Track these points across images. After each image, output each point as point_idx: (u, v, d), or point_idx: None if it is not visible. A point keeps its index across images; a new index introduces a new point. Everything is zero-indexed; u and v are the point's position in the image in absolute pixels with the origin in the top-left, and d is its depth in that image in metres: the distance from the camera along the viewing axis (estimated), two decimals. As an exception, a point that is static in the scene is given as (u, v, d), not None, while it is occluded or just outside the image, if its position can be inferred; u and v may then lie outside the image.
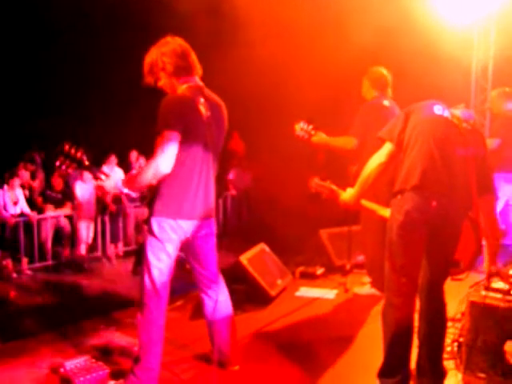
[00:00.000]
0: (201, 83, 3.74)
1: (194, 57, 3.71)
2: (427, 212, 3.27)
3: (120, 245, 9.94)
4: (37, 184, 10.51)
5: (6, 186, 8.97)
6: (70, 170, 3.71)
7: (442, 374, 3.60)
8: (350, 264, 6.42)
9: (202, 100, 3.60)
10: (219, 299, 3.92)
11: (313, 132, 5.50)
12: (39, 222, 9.03)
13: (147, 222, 3.65)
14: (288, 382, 3.93)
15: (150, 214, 3.62)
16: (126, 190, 3.57)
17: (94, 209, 9.63)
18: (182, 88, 3.64)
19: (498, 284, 3.70)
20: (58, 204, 9.46)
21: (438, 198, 3.27)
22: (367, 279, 5.91)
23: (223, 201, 11.54)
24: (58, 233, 9.26)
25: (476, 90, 9.79)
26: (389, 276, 3.40)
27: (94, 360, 4.04)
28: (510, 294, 3.59)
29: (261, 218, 11.05)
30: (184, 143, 3.48)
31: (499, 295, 3.62)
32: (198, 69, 3.73)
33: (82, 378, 3.76)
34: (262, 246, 6.28)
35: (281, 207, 10.20)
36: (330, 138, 5.59)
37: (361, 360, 4.25)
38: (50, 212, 9.27)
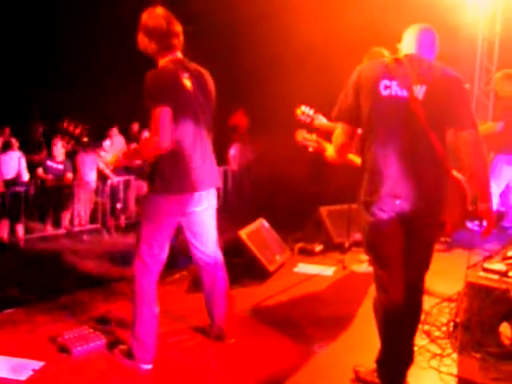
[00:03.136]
0: (181, 56, 3.68)
1: (178, 29, 3.63)
2: (394, 209, 3.19)
3: (121, 217, 9.95)
4: (38, 154, 10.50)
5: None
6: (69, 146, 3.75)
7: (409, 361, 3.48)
8: (348, 242, 6.43)
9: (185, 73, 3.58)
10: (217, 275, 3.95)
11: (314, 116, 5.45)
12: (40, 191, 9.02)
13: (145, 196, 3.65)
14: (283, 356, 3.96)
15: (149, 190, 3.63)
16: (108, 170, 3.60)
17: (95, 180, 9.63)
18: (165, 60, 3.62)
19: (496, 265, 3.72)
20: (59, 174, 9.46)
21: (404, 197, 3.18)
22: (365, 257, 5.91)
23: (224, 176, 11.53)
24: (59, 203, 9.26)
25: (480, 70, 9.69)
26: (375, 273, 3.38)
27: (91, 330, 4.07)
28: (507, 276, 3.61)
29: (261, 193, 11.05)
30: (174, 117, 3.45)
31: (496, 277, 3.64)
32: (181, 43, 3.67)
33: (79, 348, 3.80)
34: (262, 222, 6.29)
35: (282, 183, 10.20)
36: (331, 123, 5.52)
37: (356, 336, 4.28)
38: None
